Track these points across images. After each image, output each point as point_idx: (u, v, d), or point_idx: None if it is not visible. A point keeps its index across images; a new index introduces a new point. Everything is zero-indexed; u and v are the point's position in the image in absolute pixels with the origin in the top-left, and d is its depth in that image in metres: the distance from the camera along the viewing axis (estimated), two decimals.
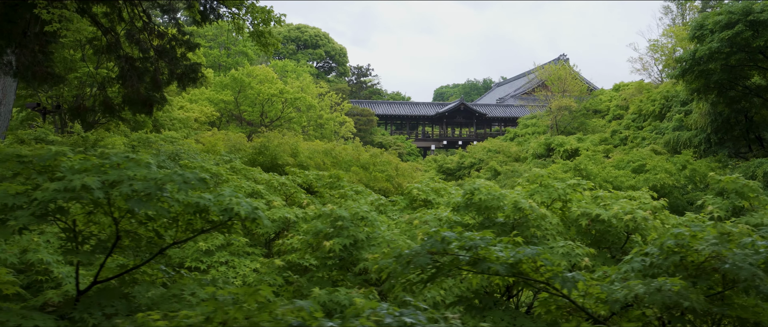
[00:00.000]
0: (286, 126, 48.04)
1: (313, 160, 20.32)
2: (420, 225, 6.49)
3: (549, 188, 7.06)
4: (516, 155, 45.78)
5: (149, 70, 18.46)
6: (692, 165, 24.22)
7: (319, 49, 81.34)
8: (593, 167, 25.20)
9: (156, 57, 18.40)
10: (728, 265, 3.79)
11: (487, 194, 6.11)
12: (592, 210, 6.45)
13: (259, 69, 47.15)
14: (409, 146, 70.38)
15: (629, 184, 24.08)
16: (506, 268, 3.74)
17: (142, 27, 18.33)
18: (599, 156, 30.28)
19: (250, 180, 10.23)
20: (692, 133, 34.52)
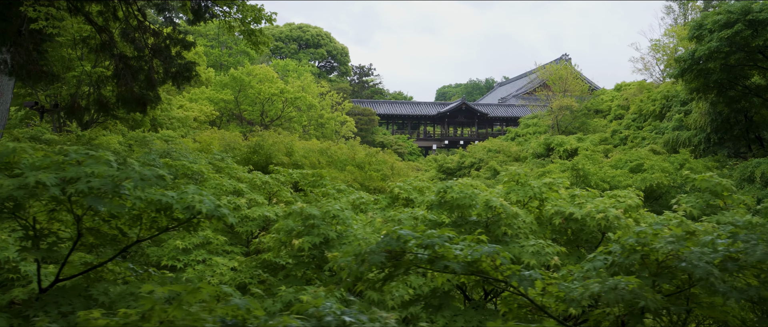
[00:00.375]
0: (287, 125, 48.06)
1: (308, 160, 20.29)
2: (394, 223, 6.45)
3: (525, 187, 7.02)
4: (516, 155, 45.72)
5: (144, 69, 18.45)
6: (689, 164, 24.15)
7: (320, 48, 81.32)
8: (591, 167, 25.13)
9: (151, 56, 18.40)
10: (684, 263, 3.75)
11: (459, 193, 6.08)
12: (565, 208, 6.41)
13: (259, 68, 47.13)
14: (411, 146, 70.35)
15: (626, 184, 24.01)
16: (463, 266, 3.70)
17: (136, 26, 18.32)
18: (598, 156, 30.21)
19: (234, 178, 10.21)
20: (692, 133, 34.43)
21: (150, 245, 7.28)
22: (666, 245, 3.89)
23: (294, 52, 79.32)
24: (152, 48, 18.32)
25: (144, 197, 4.43)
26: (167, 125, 32.41)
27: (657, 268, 4.10)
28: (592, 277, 4.02)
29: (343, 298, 5.22)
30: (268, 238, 6.56)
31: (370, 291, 5.05)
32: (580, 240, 6.65)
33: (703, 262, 3.66)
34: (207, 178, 9.29)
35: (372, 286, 3.98)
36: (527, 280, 3.68)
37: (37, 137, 20.74)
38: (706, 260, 3.68)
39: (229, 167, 11.20)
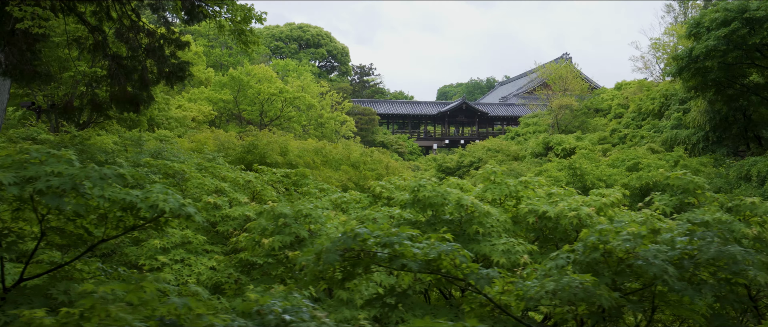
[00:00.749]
0: (286, 125, 48.04)
1: (302, 159, 20.27)
2: (369, 222, 6.43)
3: (501, 185, 6.99)
4: (515, 154, 45.69)
5: (137, 69, 18.45)
6: (684, 161, 24.10)
7: (321, 48, 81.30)
8: (587, 165, 25.10)
9: (144, 56, 18.39)
10: (641, 261, 3.73)
11: (432, 192, 6.06)
12: (539, 207, 6.39)
13: (258, 68, 47.14)
14: (411, 145, 70.32)
15: (622, 182, 23.96)
16: (420, 264, 3.68)
17: (130, 26, 18.31)
18: (596, 154, 30.18)
19: (217, 178, 10.19)
20: (690, 132, 34.35)
21: (129, 245, 7.27)
22: (622, 243, 3.88)
23: (294, 52, 79.31)
24: (145, 48, 18.32)
25: (108, 196, 4.41)
26: (165, 125, 32.43)
27: (617, 266, 4.08)
28: (553, 276, 3.99)
29: (313, 297, 5.21)
30: (242, 237, 6.55)
31: (340, 290, 5.03)
32: (554, 238, 6.63)
33: (659, 259, 3.64)
34: (189, 177, 9.29)
35: (334, 284, 3.96)
36: (484, 278, 3.66)
37: (33, 137, 20.74)
38: (662, 258, 3.66)
39: (213, 167, 11.17)
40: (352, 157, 21.57)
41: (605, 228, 4.13)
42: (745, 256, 3.72)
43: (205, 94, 45.47)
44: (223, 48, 68.89)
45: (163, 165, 9.52)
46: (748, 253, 3.77)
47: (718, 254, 3.60)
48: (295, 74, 61.73)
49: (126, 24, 18.18)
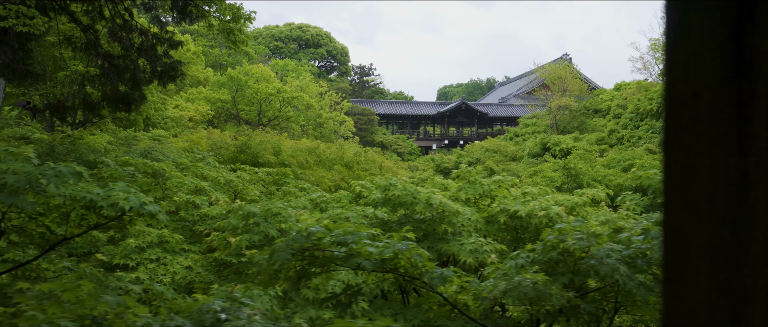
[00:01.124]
0: (284, 125, 48.02)
1: (295, 159, 20.24)
2: (342, 221, 6.40)
3: (474, 185, 6.97)
4: (513, 155, 45.65)
5: (129, 68, 18.44)
6: None
7: (320, 48, 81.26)
8: (583, 166, 25.07)
9: (136, 55, 18.38)
10: (594, 261, 3.70)
11: (402, 191, 6.04)
12: (510, 206, 6.36)
13: (256, 68, 47.13)
14: (411, 146, 70.27)
15: (617, 183, 23.93)
16: (375, 263, 3.66)
17: (122, 25, 18.30)
18: (593, 155, 30.12)
19: (199, 177, 10.18)
20: None
21: (106, 244, 7.26)
22: (576, 242, 3.85)
23: (294, 52, 79.29)
24: (138, 47, 18.30)
25: (68, 194, 4.39)
26: (161, 125, 32.41)
27: (575, 265, 4.05)
28: (510, 275, 3.96)
29: (278, 295, 5.18)
30: (213, 236, 6.54)
31: (306, 289, 5.01)
32: (526, 238, 6.60)
33: (612, 259, 3.61)
34: (169, 176, 9.27)
35: (290, 284, 3.94)
36: (438, 278, 3.64)
37: (27, 137, 20.74)
38: (615, 257, 3.63)
39: (195, 166, 11.14)
40: (345, 157, 21.55)
41: (564, 227, 4.11)
42: None
43: (204, 93, 45.45)
44: (223, 48, 68.79)
45: (143, 164, 9.50)
46: None
47: None
48: (294, 74, 61.72)
49: (118, 23, 18.18)
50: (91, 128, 26.71)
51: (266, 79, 46.09)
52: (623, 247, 3.78)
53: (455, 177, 8.24)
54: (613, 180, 24.19)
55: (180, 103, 41.37)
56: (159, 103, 33.59)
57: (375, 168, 21.35)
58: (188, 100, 44.19)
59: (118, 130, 25.85)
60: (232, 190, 9.80)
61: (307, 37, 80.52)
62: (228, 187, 9.85)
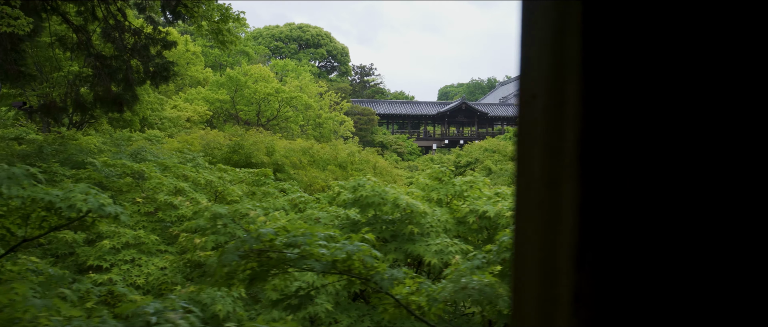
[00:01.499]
0: (283, 125, 48.01)
1: (288, 159, 20.23)
2: (312, 222, 6.39)
3: (447, 185, 6.95)
4: (511, 154, 45.56)
5: (122, 69, 18.45)
6: None
7: (320, 48, 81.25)
8: None
9: (128, 55, 18.39)
10: None
11: (370, 191, 6.01)
12: (479, 207, 6.33)
13: (255, 68, 47.15)
14: (411, 145, 70.19)
15: None
16: (325, 265, 3.64)
17: (115, 25, 18.31)
18: None
19: (180, 178, 10.17)
20: None
21: (82, 245, 7.25)
22: None
23: (294, 52, 79.29)
24: (131, 47, 18.31)
25: (26, 195, 4.37)
26: (158, 125, 32.42)
27: None
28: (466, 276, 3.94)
29: (241, 297, 5.16)
30: (182, 237, 6.53)
31: (271, 291, 4.99)
32: (494, 238, 6.56)
33: None
34: (149, 177, 9.25)
35: (243, 285, 3.91)
36: (388, 280, 3.62)
37: (21, 137, 20.75)
38: None
39: (176, 166, 11.13)
40: (339, 158, 21.54)
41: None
42: None
43: (202, 94, 45.47)
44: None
45: (122, 165, 9.51)
46: None
47: None
48: (294, 74, 61.68)
49: (111, 23, 18.19)
50: (87, 129, 26.73)
51: (265, 79, 46.09)
52: None
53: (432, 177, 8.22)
54: None
55: (178, 103, 41.40)
56: (156, 104, 33.61)
57: (369, 168, 21.32)
58: (187, 101, 44.22)
59: (113, 131, 25.86)
60: (213, 191, 9.80)
61: (308, 38, 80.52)
62: (209, 188, 9.85)
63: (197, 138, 20.30)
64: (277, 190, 10.16)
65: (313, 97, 56.34)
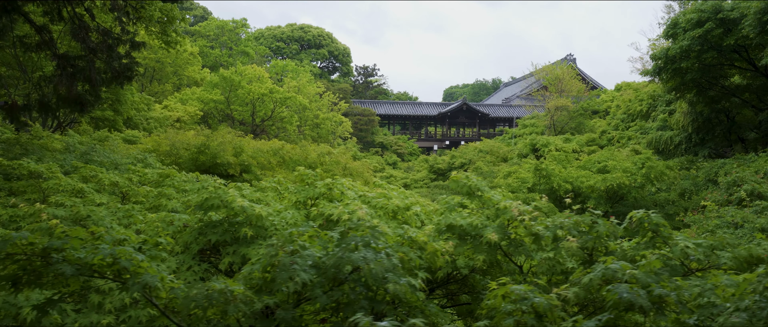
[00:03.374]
0: (279, 125, 48.09)
1: (256, 160, 20.23)
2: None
3: (310, 188, 6.87)
4: (504, 155, 45.47)
5: (85, 69, 18.46)
6: (650, 162, 23.82)
7: (322, 49, 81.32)
8: (554, 167, 24.87)
9: (92, 55, 18.42)
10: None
11: (211, 193, 5.93)
12: (329, 211, 6.23)
13: (250, 68, 47.21)
14: (411, 146, 70.14)
15: (588, 185, 23.75)
16: (77, 268, 3.58)
17: (80, 25, 18.33)
18: (571, 156, 29.88)
19: (84, 178, 10.15)
20: (674, 133, 34.00)
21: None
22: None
23: (295, 53, 79.40)
24: (92, 48, 18.33)
25: None
26: (144, 125, 32.55)
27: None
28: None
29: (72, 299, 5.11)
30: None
31: (94, 294, 4.94)
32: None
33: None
34: (49, 176, 9.25)
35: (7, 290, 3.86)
36: (139, 284, 3.56)
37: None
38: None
39: (84, 167, 11.11)
40: (309, 159, 21.50)
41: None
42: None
43: (197, 94, 45.62)
44: (223, 49, 69.13)
45: (18, 165, 9.51)
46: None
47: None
48: (293, 74, 61.72)
49: (76, 23, 18.22)
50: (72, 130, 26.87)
51: (259, 80, 46.17)
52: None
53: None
54: (585, 182, 24.01)
55: (170, 103, 41.52)
56: (141, 104, 33.76)
57: (338, 169, 21.27)
58: (181, 101, 44.34)
59: (92, 131, 25.98)
60: (120, 192, 9.77)
61: (309, 38, 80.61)
62: (114, 189, 9.82)
63: (164, 139, 20.32)
64: (176, 191, 10.10)
65: (311, 98, 56.41)
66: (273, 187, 8.37)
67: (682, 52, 27.41)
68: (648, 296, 3.26)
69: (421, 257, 4.51)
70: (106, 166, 14.24)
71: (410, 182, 47.11)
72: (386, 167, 59.98)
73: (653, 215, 4.83)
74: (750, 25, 24.07)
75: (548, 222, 5.42)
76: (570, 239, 4.97)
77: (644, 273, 3.48)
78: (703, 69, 28.32)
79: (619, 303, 3.29)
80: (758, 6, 23.83)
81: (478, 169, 42.02)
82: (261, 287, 3.77)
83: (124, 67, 18.66)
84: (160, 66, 49.82)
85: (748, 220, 11.83)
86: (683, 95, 31.13)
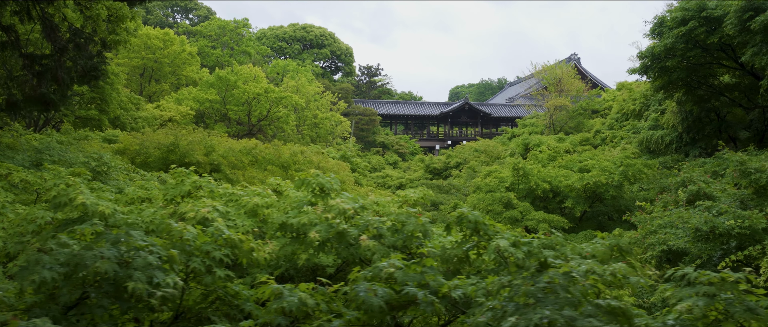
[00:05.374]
0: (275, 125, 48.11)
1: (226, 159, 20.20)
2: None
3: (178, 186, 6.81)
4: (498, 155, 45.27)
5: (52, 68, 18.52)
6: (629, 161, 23.62)
7: (324, 48, 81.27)
8: (532, 167, 24.72)
9: (58, 55, 18.48)
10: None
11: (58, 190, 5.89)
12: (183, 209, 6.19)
13: (246, 68, 47.28)
14: (413, 146, 69.99)
15: (566, 184, 23.59)
16: None
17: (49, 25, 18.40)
18: (556, 155, 29.71)
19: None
20: (665, 132, 33.70)
21: None
22: None
23: (298, 53, 79.42)
24: (60, 47, 18.39)
25: None
26: (131, 125, 32.62)
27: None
28: None
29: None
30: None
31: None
32: None
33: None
34: None
35: None
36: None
37: None
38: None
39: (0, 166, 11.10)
40: (282, 158, 21.46)
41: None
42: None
43: (193, 94, 45.71)
44: (225, 48, 69.21)
45: None
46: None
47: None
48: (292, 74, 61.70)
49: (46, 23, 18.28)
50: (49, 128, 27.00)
51: (255, 80, 46.21)
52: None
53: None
54: (563, 181, 23.84)
55: (163, 103, 41.61)
56: (129, 104, 33.87)
57: (311, 169, 21.19)
58: (177, 101, 44.42)
59: (73, 131, 26.07)
60: (34, 190, 9.76)
61: (311, 38, 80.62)
62: (27, 186, 9.81)
63: (133, 138, 20.36)
64: (89, 190, 10.05)
65: (309, 98, 56.41)
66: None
67: (667, 50, 27.18)
68: (388, 295, 3.18)
69: (230, 255, 4.44)
70: (63, 165, 14.24)
71: (406, 182, 47.00)
72: (386, 167, 59.90)
73: (472, 213, 4.74)
74: (731, 24, 23.80)
75: (361, 222, 5.32)
76: (362, 238, 4.90)
77: (403, 273, 3.40)
78: (691, 68, 28.06)
79: (362, 304, 3.22)
80: (739, 4, 23.57)
81: (472, 168, 41.90)
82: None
83: (90, 67, 18.71)
84: (157, 66, 50.02)
85: (683, 219, 11.68)
86: (671, 94, 30.87)
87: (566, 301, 2.86)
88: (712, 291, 3.30)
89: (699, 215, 10.75)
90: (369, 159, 60.98)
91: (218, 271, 3.97)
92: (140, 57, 47.90)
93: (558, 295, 2.90)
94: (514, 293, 3.04)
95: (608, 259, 4.40)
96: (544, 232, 22.46)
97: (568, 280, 3.08)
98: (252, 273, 5.78)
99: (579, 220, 24.38)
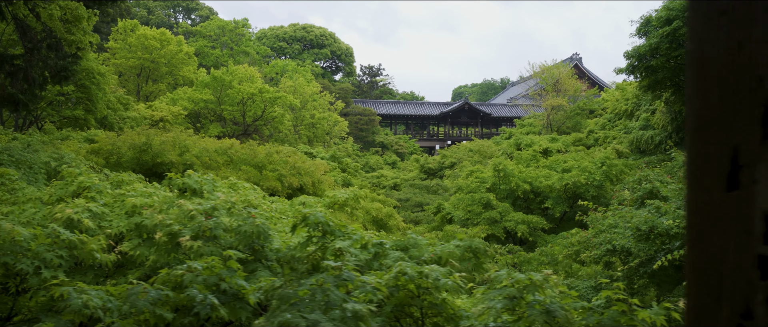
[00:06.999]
0: (271, 125, 48.11)
1: (200, 159, 20.17)
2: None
3: (68, 185, 6.77)
4: (491, 155, 45.08)
5: (23, 68, 18.56)
6: (610, 161, 23.48)
7: (324, 48, 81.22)
8: (514, 168, 24.59)
9: (28, 55, 18.52)
10: None
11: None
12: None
13: (241, 68, 47.29)
14: (412, 146, 69.88)
15: (546, 184, 23.46)
16: None
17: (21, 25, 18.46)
18: (539, 156, 29.59)
19: None
20: (655, 132, 33.53)
21: None
22: None
23: (298, 53, 79.42)
24: (30, 47, 18.44)
25: None
26: (119, 125, 32.65)
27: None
28: None
29: None
30: None
31: None
32: None
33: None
34: None
35: None
36: None
37: None
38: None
39: None
40: (257, 158, 21.40)
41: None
42: None
43: (188, 94, 45.76)
44: (224, 48, 69.27)
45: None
46: None
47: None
48: (290, 74, 61.69)
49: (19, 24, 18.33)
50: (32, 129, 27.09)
51: (249, 80, 46.20)
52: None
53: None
54: (543, 182, 23.72)
55: (155, 103, 41.67)
56: (117, 104, 33.90)
57: (286, 169, 21.13)
58: (172, 101, 44.48)
59: (55, 130, 26.13)
60: None
61: (311, 38, 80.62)
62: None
63: (105, 138, 20.35)
64: (7, 191, 10.07)
65: (307, 98, 56.40)
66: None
67: (652, 50, 27.01)
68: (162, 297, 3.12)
69: (65, 256, 4.39)
70: (21, 165, 14.25)
71: (400, 182, 46.92)
72: (384, 167, 59.83)
73: (318, 214, 4.66)
74: None
75: (195, 224, 5.24)
76: (182, 239, 4.82)
77: (192, 275, 3.33)
78: (677, 67, 27.84)
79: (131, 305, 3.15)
80: None
81: (464, 168, 41.75)
82: None
83: (61, 67, 18.75)
84: (154, 66, 50.08)
85: (625, 219, 11.59)
86: (660, 94, 30.68)
87: (321, 304, 2.79)
88: (513, 293, 3.22)
89: (640, 215, 10.67)
90: (367, 159, 60.92)
91: (45, 272, 3.92)
92: (137, 57, 47.97)
93: (315, 298, 2.83)
94: (281, 295, 2.97)
95: (463, 260, 4.31)
96: (522, 233, 22.23)
97: (338, 282, 3.02)
98: (124, 274, 5.72)
99: (559, 220, 24.24)
